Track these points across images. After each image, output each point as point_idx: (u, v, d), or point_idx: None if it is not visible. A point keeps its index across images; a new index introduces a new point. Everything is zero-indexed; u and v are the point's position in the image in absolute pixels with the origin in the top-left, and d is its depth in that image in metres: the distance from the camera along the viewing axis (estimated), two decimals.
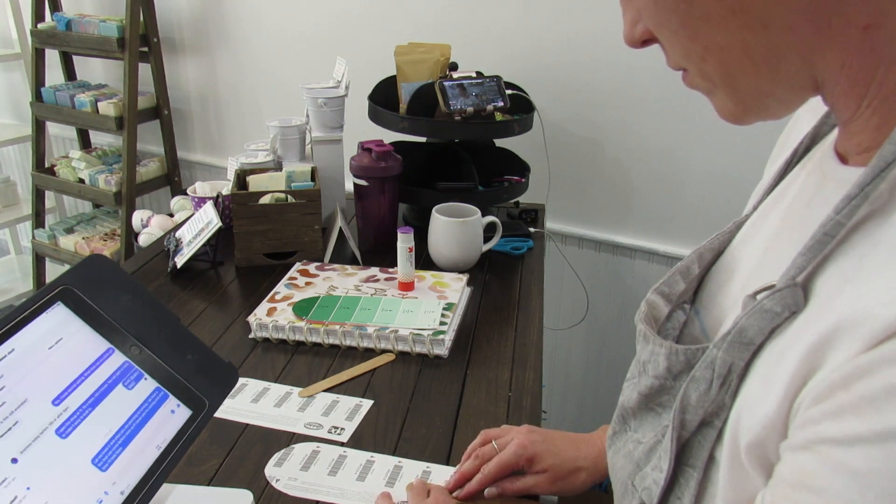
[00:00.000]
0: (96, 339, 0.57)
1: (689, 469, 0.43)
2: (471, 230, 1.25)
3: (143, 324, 0.61)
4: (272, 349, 1.02)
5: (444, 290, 1.13)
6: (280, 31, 1.95)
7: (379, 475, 0.77)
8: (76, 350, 0.56)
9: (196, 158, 2.32)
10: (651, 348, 0.48)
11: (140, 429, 0.56)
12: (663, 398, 0.48)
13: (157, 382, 0.59)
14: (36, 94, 2.27)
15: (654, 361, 0.48)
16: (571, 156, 1.64)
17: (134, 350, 0.59)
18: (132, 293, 0.62)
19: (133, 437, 0.55)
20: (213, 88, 2.16)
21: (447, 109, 1.31)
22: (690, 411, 0.42)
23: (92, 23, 2.06)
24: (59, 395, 0.53)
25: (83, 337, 0.57)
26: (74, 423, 0.53)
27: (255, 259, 1.27)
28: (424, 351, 1.00)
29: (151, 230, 1.58)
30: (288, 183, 1.30)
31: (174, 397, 0.60)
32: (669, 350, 0.46)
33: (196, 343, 0.64)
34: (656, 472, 0.45)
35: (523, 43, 1.64)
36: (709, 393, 0.41)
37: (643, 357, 0.50)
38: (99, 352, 0.57)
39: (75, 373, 0.55)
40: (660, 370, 0.47)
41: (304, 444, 0.82)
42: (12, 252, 2.89)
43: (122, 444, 0.54)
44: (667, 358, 0.46)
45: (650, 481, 0.46)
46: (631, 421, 0.53)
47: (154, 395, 0.59)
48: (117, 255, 2.23)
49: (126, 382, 0.58)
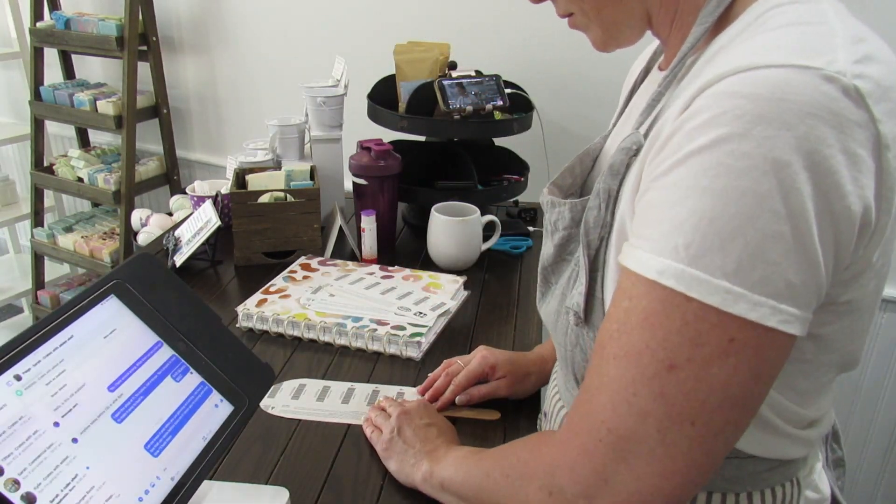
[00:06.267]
0: (146, 332, 0.61)
1: (596, 273, 0.58)
2: (470, 229, 1.25)
3: (189, 321, 0.64)
4: (271, 346, 1.02)
5: (438, 291, 1.13)
6: (279, 30, 1.95)
7: (360, 398, 0.90)
8: (129, 341, 0.59)
9: (195, 157, 2.32)
10: (558, 210, 0.65)
11: (187, 420, 0.59)
12: (571, 246, 0.64)
13: (201, 377, 0.62)
14: (35, 93, 2.27)
15: (562, 217, 0.64)
16: (571, 155, 1.63)
17: (181, 345, 0.62)
18: (178, 291, 0.66)
19: (181, 428, 0.58)
20: (213, 87, 2.16)
21: (446, 108, 1.31)
22: (591, 231, 0.58)
23: (91, 21, 2.06)
24: (114, 382, 0.56)
25: (135, 329, 0.60)
26: (128, 409, 0.56)
27: (254, 258, 1.27)
28: (397, 352, 1.00)
29: (150, 229, 1.58)
30: (287, 182, 1.30)
31: (217, 392, 0.63)
32: (571, 204, 0.63)
33: (236, 342, 0.67)
34: (578, 285, 0.60)
35: (522, 42, 1.64)
36: (600, 213, 0.57)
37: (553, 218, 0.66)
38: (149, 344, 0.60)
39: (128, 362, 0.58)
40: (566, 221, 0.64)
41: (292, 381, 0.93)
42: (11, 251, 2.89)
43: (172, 432, 0.57)
44: (570, 210, 0.63)
45: (576, 296, 0.60)
46: (551, 276, 0.68)
47: (199, 388, 0.62)
48: (116, 254, 2.23)
49: (174, 375, 0.61)
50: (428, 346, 1.02)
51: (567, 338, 0.63)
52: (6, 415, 0.48)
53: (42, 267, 2.56)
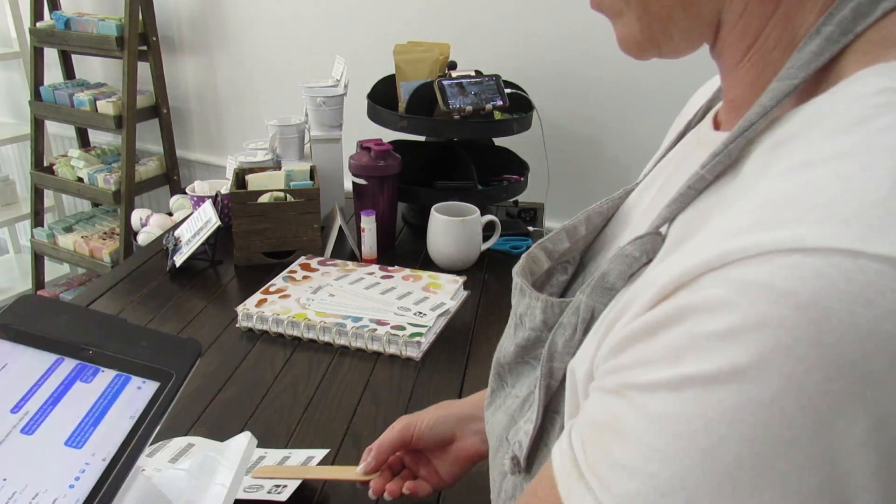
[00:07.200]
0: (42, 356, 0.60)
1: (554, 415, 0.43)
2: (470, 229, 1.25)
3: (89, 331, 0.64)
4: (271, 346, 1.02)
5: (437, 291, 1.13)
6: (279, 30, 1.95)
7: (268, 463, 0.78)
8: (23, 369, 0.58)
9: (195, 157, 2.32)
10: (528, 301, 0.48)
11: (108, 408, 0.58)
12: (538, 350, 0.48)
13: (115, 371, 0.61)
14: (35, 93, 2.27)
15: (531, 314, 0.48)
16: (570, 154, 1.64)
17: (84, 353, 0.62)
18: (70, 312, 0.65)
19: (103, 417, 0.58)
20: (212, 87, 2.16)
21: (446, 108, 1.31)
22: (557, 358, 0.42)
23: (91, 21, 2.06)
24: (16, 405, 0.56)
25: (28, 357, 0.59)
26: (38, 421, 0.55)
27: (254, 258, 1.27)
28: (397, 352, 1.00)
29: (150, 229, 1.58)
30: (287, 182, 1.30)
31: (137, 377, 0.62)
32: (545, 303, 0.46)
33: (148, 332, 0.66)
34: (528, 424, 0.45)
35: (522, 42, 1.64)
36: (573, 338, 0.41)
37: (520, 310, 0.49)
38: (47, 364, 0.60)
39: (27, 385, 0.58)
40: (536, 322, 0.47)
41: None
42: (11, 251, 2.89)
43: (94, 423, 0.57)
44: (542, 311, 0.46)
45: (522, 434, 0.45)
46: (508, 377, 0.53)
47: (115, 380, 0.61)
48: (116, 254, 2.23)
49: (84, 378, 0.60)
50: (428, 346, 1.02)
51: (503, 482, 0.48)
52: None
53: (42, 267, 2.56)
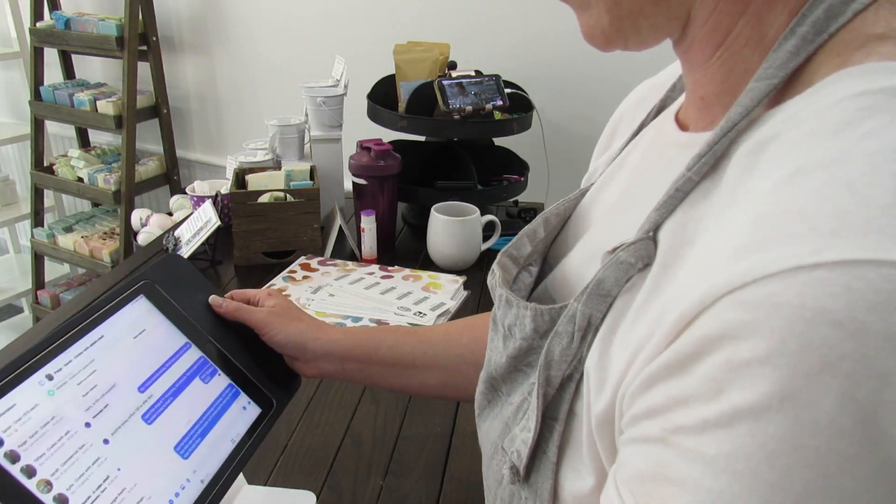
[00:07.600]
0: (175, 333, 0.60)
1: (552, 422, 0.43)
2: (470, 229, 1.25)
3: (216, 322, 0.64)
4: None
5: (437, 291, 1.13)
6: (279, 30, 1.95)
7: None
8: (158, 342, 0.59)
9: (195, 157, 2.32)
10: (515, 311, 0.47)
11: (216, 422, 0.58)
12: (531, 358, 0.48)
13: (229, 379, 0.62)
14: (35, 93, 2.27)
15: (521, 324, 0.47)
16: (570, 154, 1.64)
17: (209, 346, 0.62)
18: (206, 293, 0.65)
19: (210, 429, 0.57)
20: (212, 87, 2.16)
21: (446, 108, 1.31)
22: (554, 367, 0.42)
23: (91, 21, 2.06)
24: (144, 383, 0.55)
25: (164, 330, 0.60)
26: (159, 410, 0.55)
27: (254, 258, 1.27)
28: None
29: (150, 229, 1.58)
30: (287, 182, 1.30)
31: (245, 395, 0.62)
32: (535, 312, 0.45)
33: (262, 346, 0.66)
34: (525, 432, 0.44)
35: (522, 42, 1.64)
36: (570, 347, 0.41)
37: (508, 321, 0.49)
38: (178, 345, 0.60)
39: (158, 363, 0.57)
40: (527, 332, 0.46)
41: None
42: (11, 251, 2.89)
43: (201, 434, 0.57)
44: (532, 319, 0.45)
45: (519, 442, 0.45)
46: (502, 387, 0.52)
47: (227, 390, 0.61)
48: (116, 254, 2.23)
49: (202, 376, 0.60)
50: None
51: (499, 490, 0.48)
52: (39, 415, 0.47)
53: (42, 267, 2.56)
